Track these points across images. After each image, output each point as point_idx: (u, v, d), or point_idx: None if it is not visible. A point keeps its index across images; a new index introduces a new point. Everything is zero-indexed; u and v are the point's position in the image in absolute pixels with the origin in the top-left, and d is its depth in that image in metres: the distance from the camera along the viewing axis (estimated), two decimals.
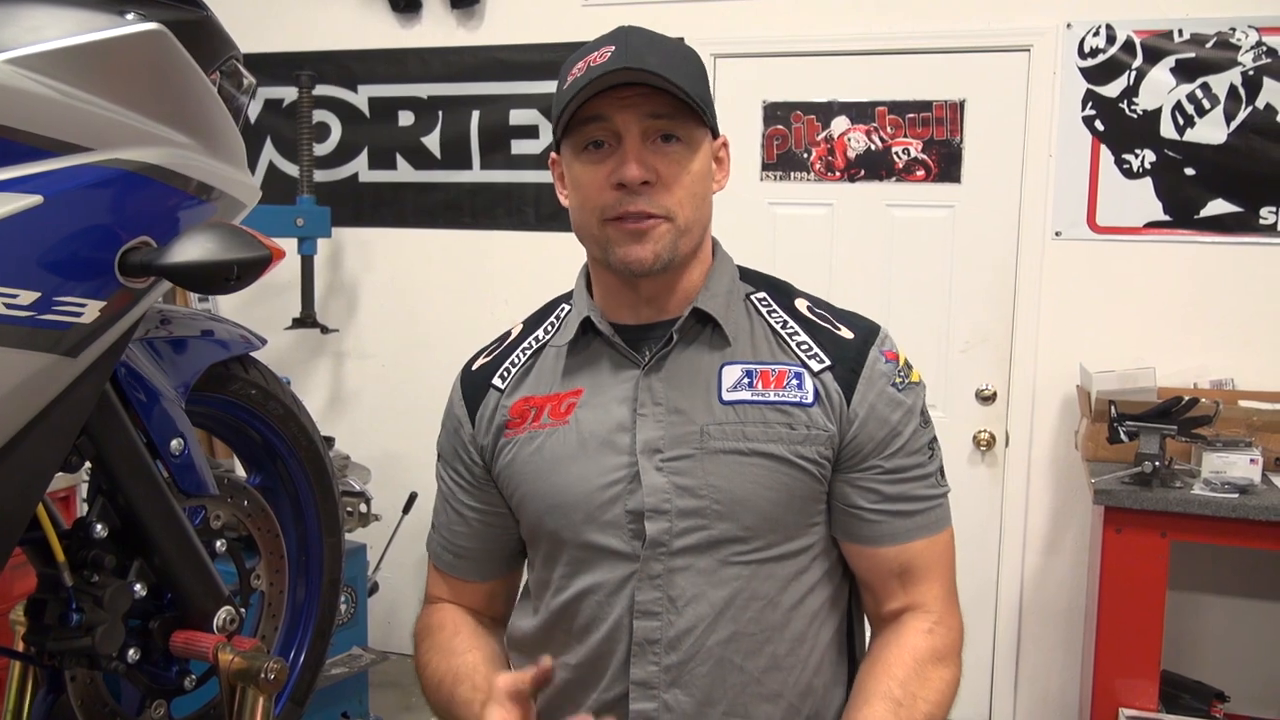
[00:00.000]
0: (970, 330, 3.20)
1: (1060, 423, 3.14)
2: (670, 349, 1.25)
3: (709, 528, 1.21)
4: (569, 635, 1.28)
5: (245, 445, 1.31)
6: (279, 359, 3.75)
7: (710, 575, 1.22)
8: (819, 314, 1.31)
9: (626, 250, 1.19)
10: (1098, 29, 2.97)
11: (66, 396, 0.87)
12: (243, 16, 3.67)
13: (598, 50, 1.19)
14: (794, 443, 1.22)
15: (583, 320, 1.29)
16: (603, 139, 1.19)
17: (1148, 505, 2.57)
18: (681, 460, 1.22)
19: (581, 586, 1.26)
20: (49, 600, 1.01)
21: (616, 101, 1.17)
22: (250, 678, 1.09)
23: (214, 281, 0.88)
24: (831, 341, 1.27)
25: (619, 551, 1.23)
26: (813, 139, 3.26)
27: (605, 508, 1.23)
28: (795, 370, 1.25)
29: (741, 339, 1.27)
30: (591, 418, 1.26)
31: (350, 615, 3.10)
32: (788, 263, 3.20)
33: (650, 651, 1.22)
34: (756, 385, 1.24)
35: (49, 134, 0.81)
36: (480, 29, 3.55)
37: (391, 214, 3.70)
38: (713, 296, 1.27)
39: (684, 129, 1.19)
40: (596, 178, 1.20)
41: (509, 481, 1.31)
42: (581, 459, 1.25)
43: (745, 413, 1.23)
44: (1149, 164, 2.98)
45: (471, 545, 1.38)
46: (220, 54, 0.98)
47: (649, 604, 1.22)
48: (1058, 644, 3.19)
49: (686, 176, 1.20)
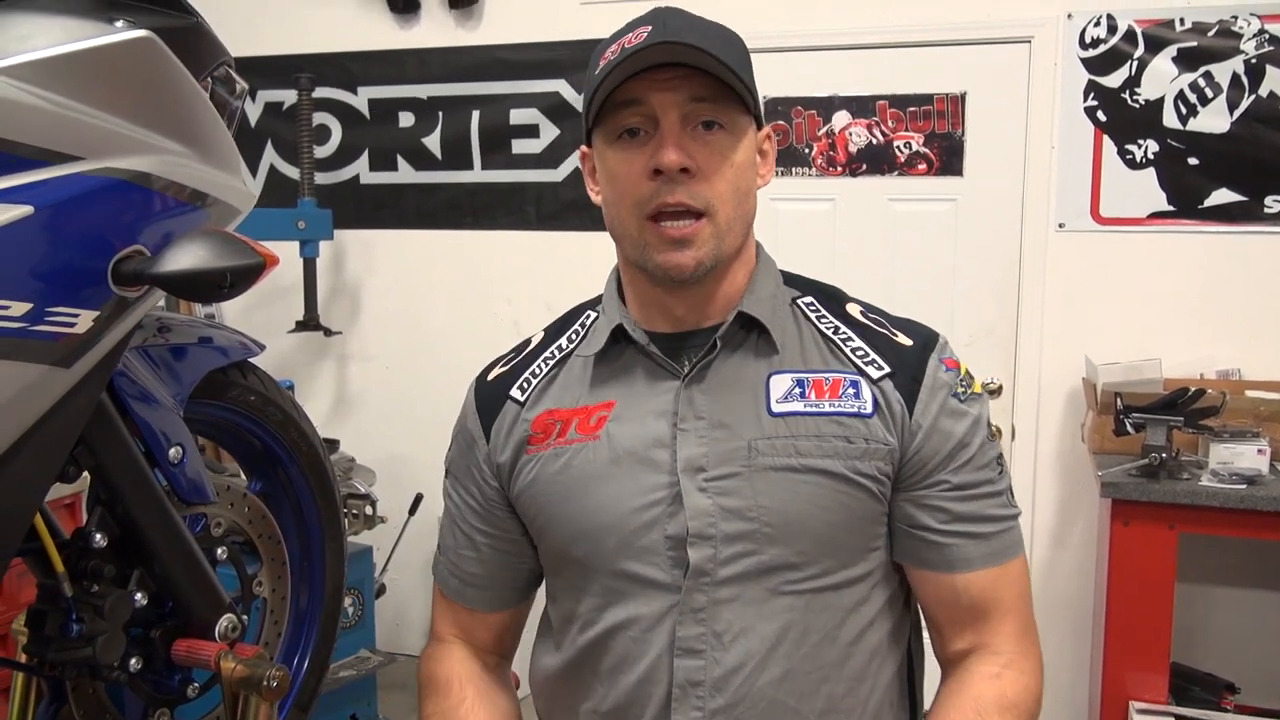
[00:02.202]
0: (975, 324, 3.19)
1: (1066, 416, 3.12)
2: (713, 358, 1.15)
3: (759, 553, 1.10)
4: (596, 676, 1.18)
5: (246, 451, 1.30)
6: (283, 362, 3.75)
7: (760, 606, 1.11)
8: (873, 319, 1.21)
9: (666, 257, 1.10)
10: (1099, 19, 2.96)
11: (61, 407, 0.86)
12: (240, 19, 3.68)
13: (633, 32, 1.10)
14: (852, 458, 1.11)
15: (615, 328, 1.19)
16: (638, 126, 1.10)
17: (1155, 497, 2.55)
18: (727, 479, 1.11)
19: (613, 621, 1.15)
20: (49, 611, 1.00)
21: (654, 84, 1.08)
22: (253, 685, 1.08)
23: (207, 289, 0.87)
24: (889, 348, 1.17)
25: (657, 582, 1.12)
26: (813, 134, 3.25)
27: (642, 532, 1.13)
28: (851, 378, 1.14)
29: (790, 346, 1.17)
30: (626, 432, 1.15)
31: (358, 618, 3.10)
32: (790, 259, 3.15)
33: (694, 694, 1.10)
34: (809, 395, 1.13)
35: (39, 144, 0.81)
36: (479, 29, 3.55)
37: (393, 215, 3.69)
38: (758, 300, 1.17)
39: (727, 115, 1.10)
40: (632, 168, 1.10)
41: (530, 503, 1.20)
42: (615, 478, 1.14)
43: (797, 425, 1.12)
44: (1152, 154, 2.97)
45: (480, 572, 1.28)
46: (211, 60, 0.98)
47: (692, 640, 1.11)
48: (1067, 637, 3.17)
49: (729, 168, 1.10)
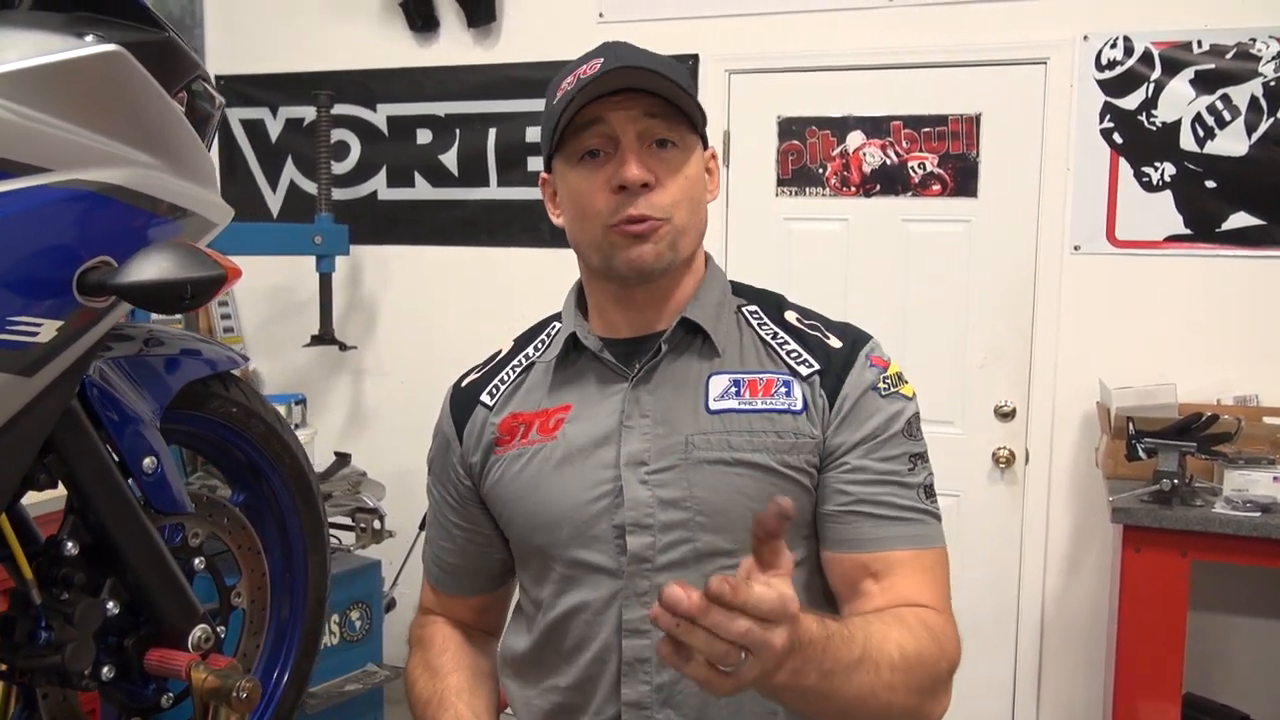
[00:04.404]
0: (988, 346, 3.16)
1: (1081, 439, 3.09)
2: (659, 360, 1.24)
3: (694, 540, 1.19)
4: (559, 656, 1.27)
5: (229, 463, 1.31)
6: (298, 376, 3.78)
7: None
8: (809, 324, 1.29)
9: (629, 252, 1.19)
10: (1115, 41, 2.94)
11: (23, 416, 0.87)
12: (262, 36, 3.74)
13: (586, 64, 1.20)
14: (781, 451, 1.20)
15: (569, 336, 1.28)
16: (599, 147, 1.19)
17: (1167, 524, 2.52)
18: (665, 472, 1.20)
19: (570, 605, 1.25)
20: (19, 617, 1.01)
21: (611, 105, 1.17)
22: (223, 696, 1.08)
23: (168, 300, 0.88)
24: (820, 348, 1.25)
25: (605, 568, 1.21)
26: (828, 154, 3.24)
27: (591, 523, 1.22)
28: (784, 378, 1.23)
29: (731, 350, 1.26)
30: (579, 432, 1.25)
31: (365, 632, 3.10)
32: (803, 278, 3.19)
33: (641, 671, 1.20)
34: (744, 394, 1.22)
35: (4, 155, 0.82)
36: (496, 47, 3.58)
37: (410, 231, 3.72)
38: (702, 307, 1.26)
39: (677, 133, 1.20)
40: (595, 184, 1.19)
41: (497, 500, 1.30)
42: (567, 474, 1.24)
43: (731, 422, 1.20)
44: (1169, 177, 2.94)
45: (457, 562, 1.39)
46: (184, 74, 0.99)
47: (637, 622, 1.19)
48: (1080, 664, 3.13)
49: (683, 179, 1.20)
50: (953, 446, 3.12)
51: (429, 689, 1.32)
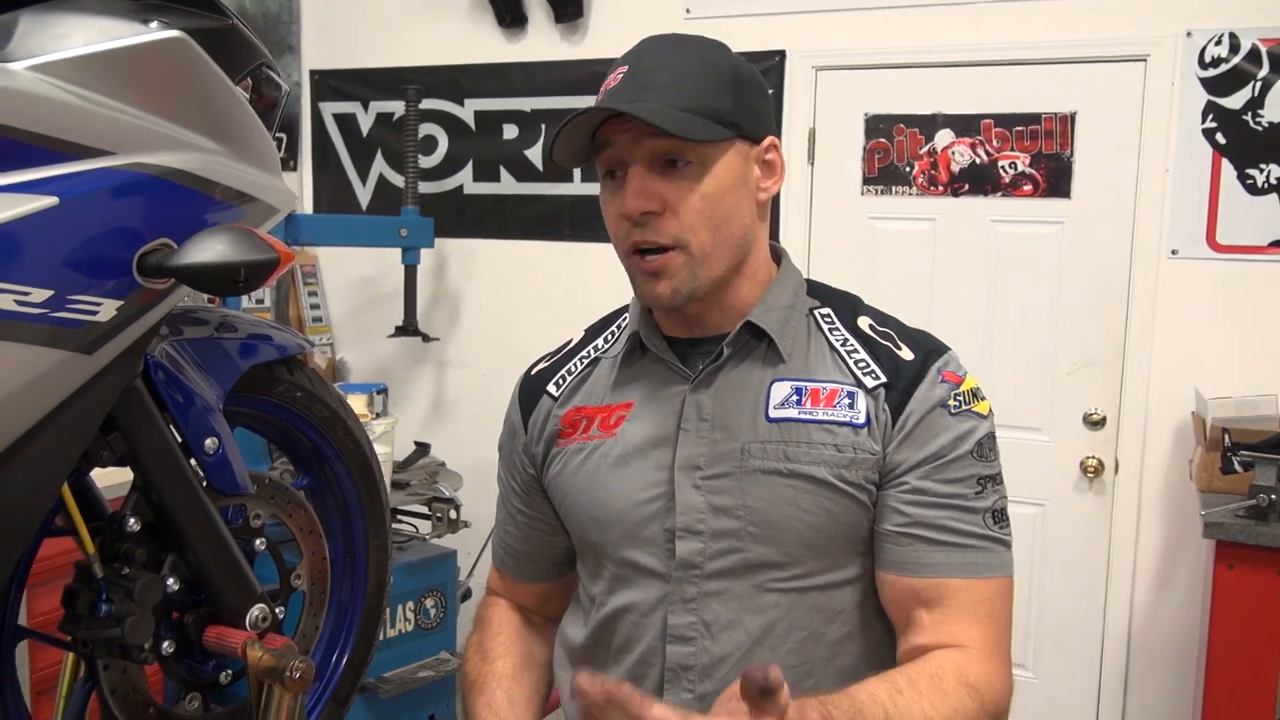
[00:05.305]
0: (1078, 352, 3.06)
1: (1174, 450, 2.97)
2: (721, 364, 1.21)
3: (744, 550, 1.17)
4: (608, 654, 1.27)
5: (294, 448, 1.33)
6: (381, 366, 3.85)
7: (747, 601, 1.18)
8: (881, 331, 1.24)
9: (645, 288, 1.18)
10: (1220, 37, 2.82)
11: (84, 393, 0.89)
12: (353, 32, 3.81)
13: (615, 70, 1.17)
14: (839, 466, 1.16)
15: (632, 334, 1.28)
16: (614, 168, 1.17)
17: (1263, 541, 2.41)
18: (720, 479, 1.18)
19: (619, 604, 1.25)
20: (82, 590, 1.04)
21: (617, 127, 1.14)
22: (276, 675, 1.10)
23: (222, 282, 0.89)
24: (889, 360, 1.20)
25: (654, 571, 1.21)
26: (915, 152, 3.18)
27: (643, 524, 1.21)
28: (848, 389, 1.18)
29: (798, 354, 1.22)
30: (637, 431, 1.24)
31: (439, 620, 3.14)
32: (888, 279, 3.13)
33: (684, 678, 1.19)
34: (805, 403, 1.18)
35: (69, 138, 0.84)
36: (584, 42, 3.58)
37: (494, 225, 3.75)
38: (768, 311, 1.22)
39: (691, 150, 1.13)
40: (610, 209, 1.18)
41: (558, 492, 1.32)
42: (623, 473, 1.23)
43: (790, 431, 1.18)
44: (1275, 179, 2.81)
45: (521, 548, 1.41)
46: (248, 61, 1.00)
47: (682, 629, 1.19)
48: (1169, 685, 3.02)
49: (696, 200, 1.14)
50: (1039, 454, 3.03)
51: (476, 670, 1.34)
